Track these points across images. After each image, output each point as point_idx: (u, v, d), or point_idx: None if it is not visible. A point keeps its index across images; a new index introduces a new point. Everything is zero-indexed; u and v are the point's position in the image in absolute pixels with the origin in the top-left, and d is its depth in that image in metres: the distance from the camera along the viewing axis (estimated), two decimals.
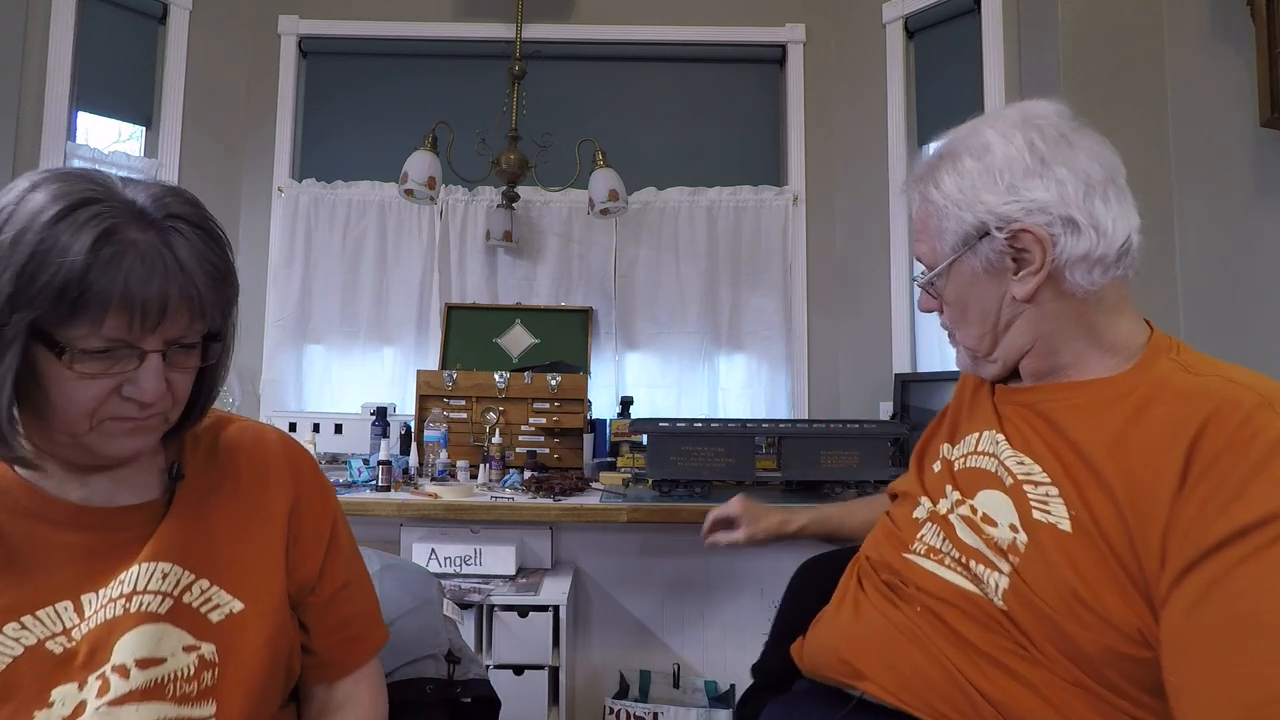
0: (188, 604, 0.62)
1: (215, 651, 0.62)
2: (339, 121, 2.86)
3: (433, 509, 1.55)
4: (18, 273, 0.52)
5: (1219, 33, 1.90)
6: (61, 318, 0.52)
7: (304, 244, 2.75)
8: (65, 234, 0.52)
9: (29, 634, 0.57)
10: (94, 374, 0.55)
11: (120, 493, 0.64)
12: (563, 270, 2.78)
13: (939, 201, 0.77)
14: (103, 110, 2.60)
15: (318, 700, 0.75)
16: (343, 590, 0.74)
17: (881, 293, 2.60)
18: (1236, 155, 1.84)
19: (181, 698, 0.59)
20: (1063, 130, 0.74)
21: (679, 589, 1.73)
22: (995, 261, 0.75)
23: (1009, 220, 0.72)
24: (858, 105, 2.73)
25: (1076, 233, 0.71)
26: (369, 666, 0.77)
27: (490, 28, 2.81)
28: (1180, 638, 0.58)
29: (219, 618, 0.63)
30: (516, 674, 1.47)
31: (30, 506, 0.60)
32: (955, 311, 0.82)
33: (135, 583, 0.60)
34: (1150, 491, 0.62)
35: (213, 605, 0.64)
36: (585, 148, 2.47)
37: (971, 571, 0.73)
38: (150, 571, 0.61)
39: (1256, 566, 0.55)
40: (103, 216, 0.53)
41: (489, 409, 2.12)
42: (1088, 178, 0.71)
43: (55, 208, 0.53)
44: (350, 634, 0.75)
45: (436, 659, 0.93)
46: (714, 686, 1.68)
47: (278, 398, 2.63)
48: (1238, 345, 1.81)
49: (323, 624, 0.73)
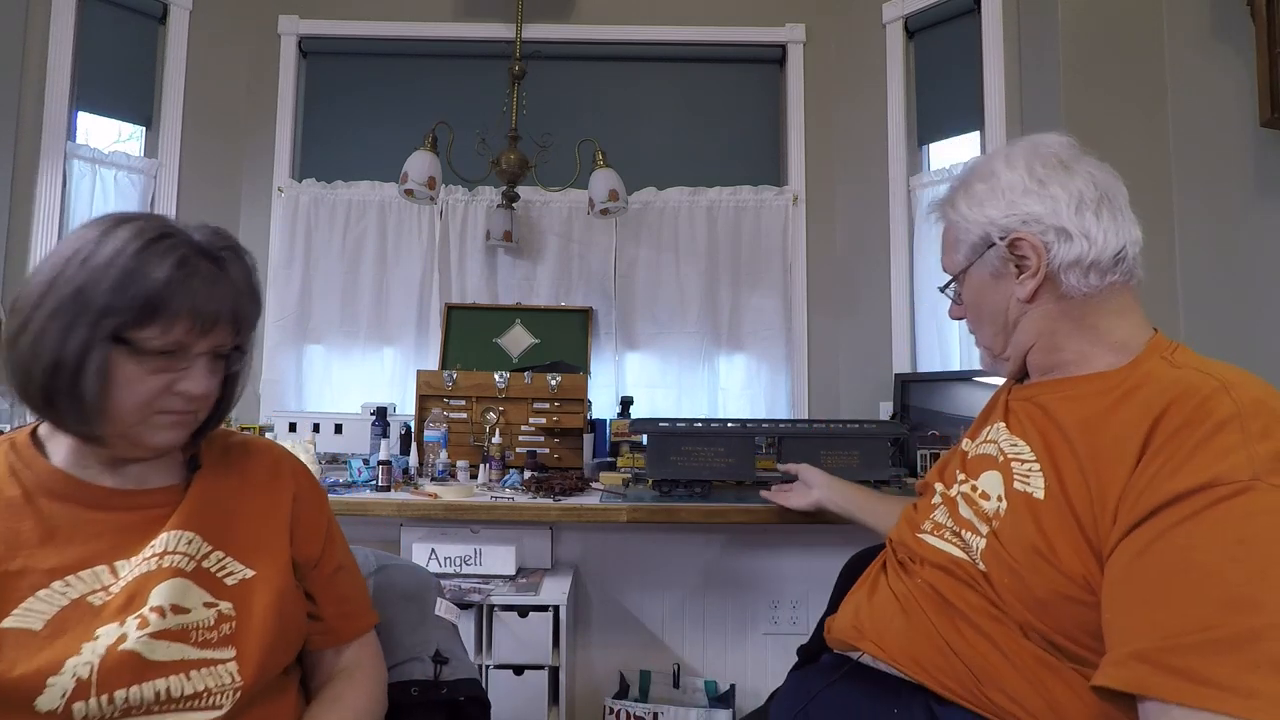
0: (206, 569, 0.74)
1: (232, 608, 0.73)
2: (339, 121, 2.86)
3: (433, 509, 1.55)
4: (112, 286, 0.66)
5: (1219, 33, 1.91)
6: (139, 323, 0.67)
7: (304, 244, 2.75)
8: (152, 260, 0.67)
9: (73, 589, 0.68)
10: (156, 370, 0.69)
11: (148, 479, 0.76)
12: (563, 270, 2.78)
13: (954, 219, 0.89)
14: (103, 110, 2.60)
15: (326, 664, 0.85)
16: (339, 572, 0.87)
17: (881, 293, 2.60)
18: (1236, 155, 1.84)
19: (204, 643, 0.70)
20: (1062, 158, 0.84)
21: (679, 589, 1.73)
22: (1000, 268, 0.86)
23: (1009, 230, 0.83)
24: (858, 105, 2.73)
25: (1069, 240, 0.80)
26: (370, 638, 0.89)
27: (490, 28, 2.81)
28: (1119, 581, 0.65)
29: (233, 581, 0.75)
30: (516, 674, 1.47)
31: (67, 491, 0.72)
32: (972, 315, 0.93)
33: (166, 545, 0.72)
34: (1113, 463, 0.70)
35: (227, 571, 0.75)
36: (585, 148, 2.47)
37: (963, 540, 0.83)
38: (178, 538, 0.73)
39: (1194, 525, 0.62)
40: (177, 247, 0.69)
41: (489, 409, 2.12)
42: (1080, 196, 0.81)
43: (139, 241, 0.68)
44: (349, 609, 0.87)
45: (423, 660, 0.94)
46: (714, 686, 1.68)
47: (278, 398, 2.63)
48: (1238, 345, 1.81)
49: (326, 594, 0.85)
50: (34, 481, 0.71)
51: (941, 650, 0.78)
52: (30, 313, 0.67)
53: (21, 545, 0.68)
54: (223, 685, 0.70)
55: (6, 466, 0.72)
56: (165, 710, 0.67)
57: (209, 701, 0.68)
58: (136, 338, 0.67)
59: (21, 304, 0.68)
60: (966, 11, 2.47)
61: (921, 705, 0.79)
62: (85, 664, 0.64)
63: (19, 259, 2.37)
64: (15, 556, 0.67)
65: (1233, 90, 1.84)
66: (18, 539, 0.68)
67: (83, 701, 0.63)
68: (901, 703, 0.81)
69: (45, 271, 0.68)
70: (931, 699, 0.78)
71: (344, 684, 0.83)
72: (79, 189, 2.52)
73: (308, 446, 1.69)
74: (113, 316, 0.66)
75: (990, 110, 2.36)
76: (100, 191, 2.56)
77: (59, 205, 2.44)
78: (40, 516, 0.70)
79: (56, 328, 0.66)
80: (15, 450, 0.73)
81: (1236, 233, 1.84)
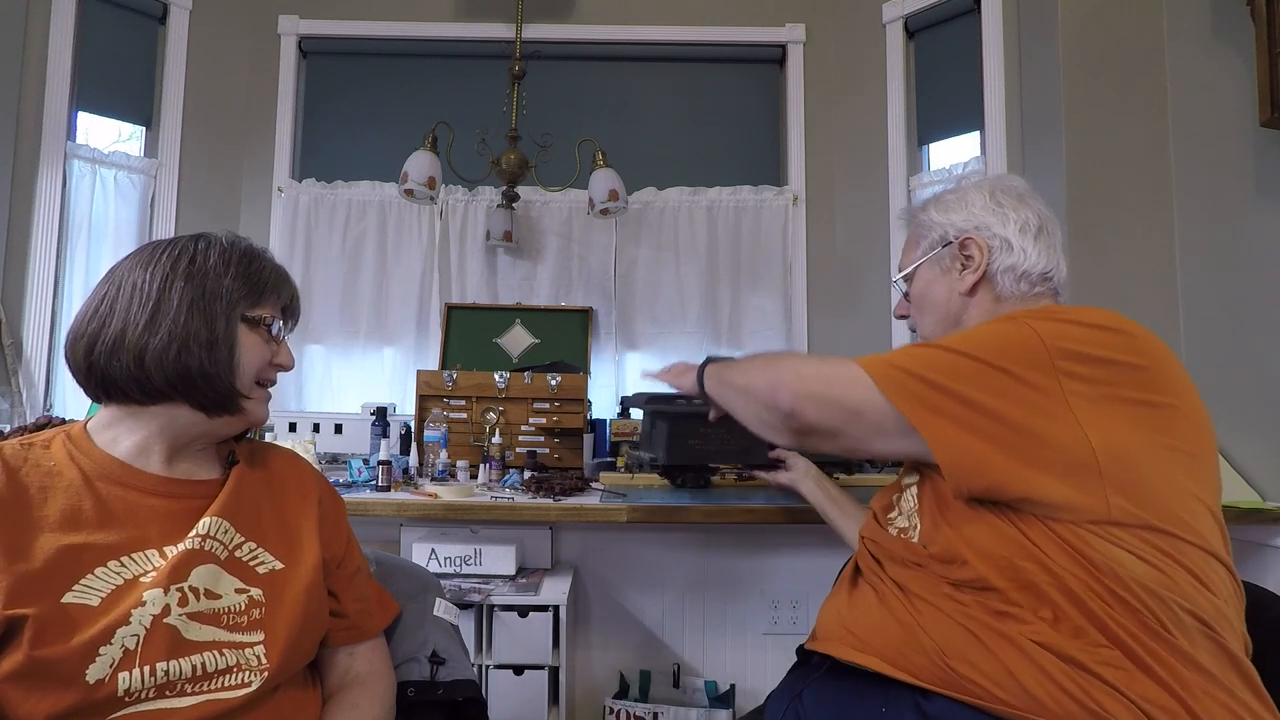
0: (239, 557, 0.80)
1: (263, 595, 0.79)
2: (339, 121, 2.86)
3: (433, 509, 1.54)
4: (234, 278, 0.82)
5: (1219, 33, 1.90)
6: (256, 304, 0.84)
7: (304, 244, 2.75)
8: (253, 257, 0.86)
9: (126, 569, 0.73)
10: (264, 342, 0.85)
11: (195, 472, 0.84)
12: (563, 270, 2.78)
13: (923, 220, 1.05)
14: (103, 110, 2.60)
15: (340, 665, 0.89)
16: (358, 574, 0.93)
17: (881, 293, 2.60)
18: (1236, 155, 1.84)
19: (234, 626, 0.75)
20: (1020, 193, 1.00)
21: (679, 589, 1.73)
22: (949, 264, 1.01)
23: (963, 232, 0.99)
24: (858, 105, 2.73)
25: (1009, 250, 0.97)
26: (383, 643, 0.93)
27: (490, 28, 2.81)
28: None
29: (264, 570, 0.81)
30: (516, 674, 1.47)
31: (124, 478, 0.78)
32: (917, 306, 1.07)
33: (208, 529, 0.78)
34: None
35: (259, 561, 0.81)
36: (585, 148, 2.47)
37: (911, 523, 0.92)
38: (217, 525, 0.79)
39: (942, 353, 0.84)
40: (255, 249, 0.88)
41: (489, 409, 2.12)
42: (1025, 221, 0.98)
43: (241, 246, 0.86)
44: (368, 607, 0.92)
45: (420, 661, 0.94)
46: (714, 686, 1.68)
47: (278, 398, 2.59)
48: (1237, 344, 1.81)
49: (349, 592, 0.90)
50: (92, 468, 0.77)
51: (914, 634, 0.82)
52: (149, 316, 0.77)
53: (83, 523, 0.73)
54: (251, 665, 0.74)
55: (65, 453, 0.78)
56: (200, 685, 0.71)
57: (240, 679, 0.73)
58: (255, 314, 0.84)
59: (119, 313, 0.78)
60: (966, 11, 2.47)
61: (909, 702, 0.80)
62: (133, 635, 0.69)
63: (19, 259, 2.37)
64: (79, 531, 0.73)
65: (1233, 90, 1.84)
66: (79, 516, 0.74)
67: (126, 672, 0.67)
68: (890, 700, 0.82)
69: (127, 288, 0.79)
70: (918, 694, 0.80)
71: (360, 692, 0.87)
72: (79, 189, 2.51)
73: (308, 446, 1.68)
74: (242, 300, 0.82)
75: (990, 110, 2.36)
76: (100, 191, 2.56)
77: (59, 205, 2.44)
78: (99, 498, 0.75)
79: (199, 316, 0.78)
80: (71, 440, 0.79)
81: (1236, 233, 1.84)
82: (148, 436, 0.80)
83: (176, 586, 0.73)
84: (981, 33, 2.40)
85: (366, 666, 0.89)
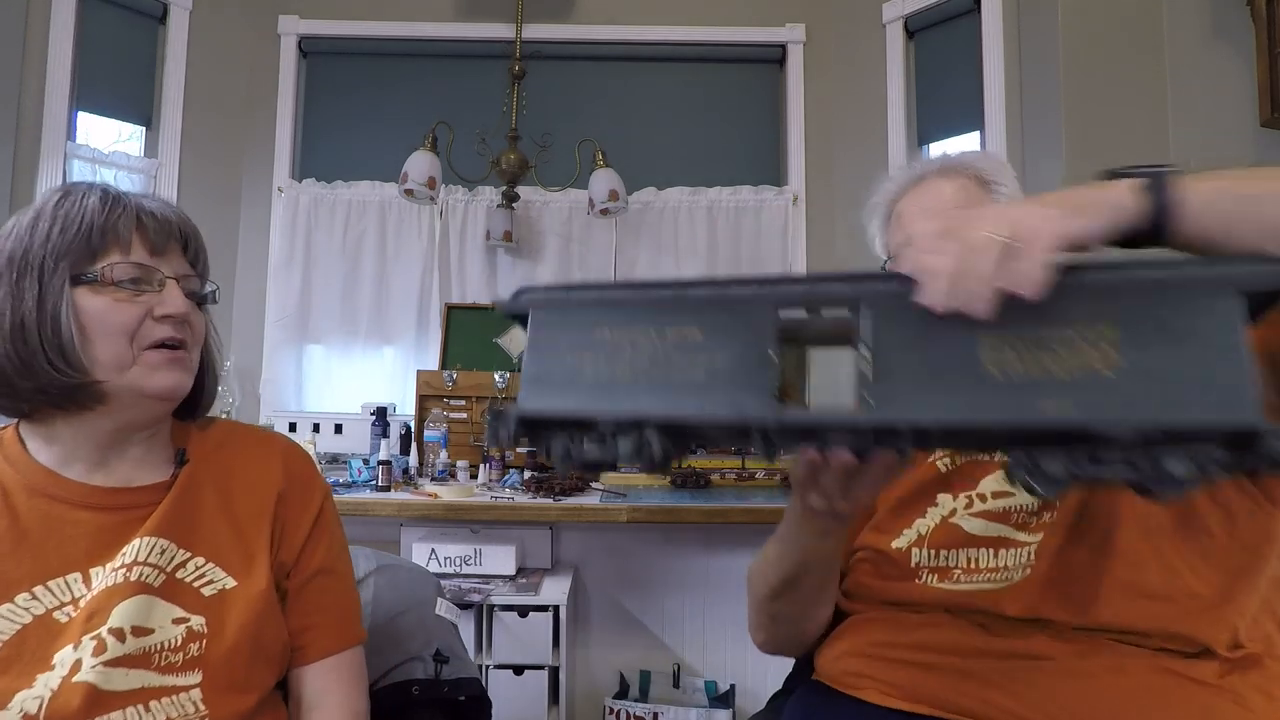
0: (180, 579, 0.68)
1: (204, 624, 0.67)
2: (339, 121, 2.86)
3: (433, 509, 1.55)
4: (45, 236, 0.64)
5: (1219, 32, 1.91)
6: (94, 255, 0.64)
7: (304, 244, 2.75)
8: (73, 202, 0.66)
9: (39, 604, 0.63)
10: (127, 298, 0.65)
11: (135, 477, 0.70)
12: (563, 270, 2.77)
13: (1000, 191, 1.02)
14: (103, 110, 2.59)
15: (292, 695, 0.75)
16: (318, 577, 0.76)
17: None
18: (1236, 155, 1.84)
19: (166, 667, 0.64)
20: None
21: (679, 589, 1.73)
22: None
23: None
24: (858, 105, 2.73)
25: None
26: (343, 660, 0.76)
27: (490, 28, 2.81)
28: None
29: (211, 592, 0.68)
30: (516, 674, 1.47)
31: (45, 487, 0.67)
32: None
33: (136, 554, 0.66)
34: None
35: (206, 580, 0.69)
36: (585, 148, 2.47)
37: None
38: (151, 546, 0.67)
39: None
40: (94, 188, 0.68)
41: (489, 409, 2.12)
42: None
43: (54, 196, 0.67)
44: (316, 621, 0.75)
45: (424, 660, 0.94)
46: (714, 686, 1.68)
47: (278, 398, 2.62)
48: None
49: (296, 604, 0.74)
50: (15, 479, 0.67)
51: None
52: None
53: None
54: (185, 715, 0.63)
55: None
56: None
57: None
58: (97, 270, 0.64)
59: None
60: (966, 11, 2.47)
61: None
62: (35, 698, 0.59)
63: None
64: None
65: (1233, 90, 1.84)
66: None
67: None
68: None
69: None
70: None
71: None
72: None
73: (308, 446, 1.69)
74: (64, 259, 0.63)
75: (990, 110, 2.36)
76: None
77: None
78: (15, 516, 0.65)
79: (14, 298, 0.62)
80: (2, 446, 0.69)
81: None
82: (67, 440, 0.67)
83: (91, 636, 0.62)
84: (981, 32, 2.39)
85: (315, 691, 0.74)
